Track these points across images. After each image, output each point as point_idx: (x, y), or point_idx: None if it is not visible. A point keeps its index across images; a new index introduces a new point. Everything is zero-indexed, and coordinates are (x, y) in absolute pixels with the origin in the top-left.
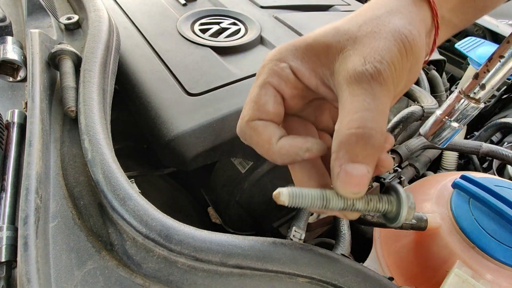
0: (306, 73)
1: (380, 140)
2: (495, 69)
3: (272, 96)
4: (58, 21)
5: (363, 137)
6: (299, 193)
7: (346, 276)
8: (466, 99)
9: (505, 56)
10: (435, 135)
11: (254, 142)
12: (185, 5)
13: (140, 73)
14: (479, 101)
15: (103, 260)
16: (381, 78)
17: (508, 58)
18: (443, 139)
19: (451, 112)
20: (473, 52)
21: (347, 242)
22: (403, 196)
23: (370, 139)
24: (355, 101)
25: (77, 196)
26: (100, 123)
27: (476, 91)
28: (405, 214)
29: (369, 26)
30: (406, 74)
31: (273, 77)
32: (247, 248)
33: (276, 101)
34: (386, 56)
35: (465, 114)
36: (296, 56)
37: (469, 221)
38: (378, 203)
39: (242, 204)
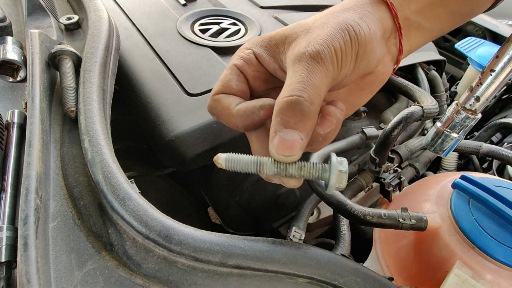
0: (266, 58)
1: (310, 108)
2: (487, 83)
3: (235, 75)
4: (58, 21)
5: (292, 103)
6: (236, 159)
7: (346, 276)
8: (463, 111)
9: (496, 70)
10: (437, 146)
11: (218, 112)
12: (185, 5)
13: (140, 73)
14: (476, 112)
15: (103, 260)
16: (318, 58)
17: (498, 72)
18: (444, 149)
19: (451, 124)
20: (473, 52)
21: (347, 242)
22: (334, 160)
23: (298, 105)
24: (293, 76)
25: (77, 196)
26: (100, 123)
27: (471, 103)
28: (334, 178)
29: (323, 19)
30: (351, 60)
31: (238, 60)
32: (247, 248)
33: (239, 80)
34: (327, 40)
35: (463, 125)
36: (261, 45)
37: (469, 222)
38: (312, 169)
39: (242, 204)
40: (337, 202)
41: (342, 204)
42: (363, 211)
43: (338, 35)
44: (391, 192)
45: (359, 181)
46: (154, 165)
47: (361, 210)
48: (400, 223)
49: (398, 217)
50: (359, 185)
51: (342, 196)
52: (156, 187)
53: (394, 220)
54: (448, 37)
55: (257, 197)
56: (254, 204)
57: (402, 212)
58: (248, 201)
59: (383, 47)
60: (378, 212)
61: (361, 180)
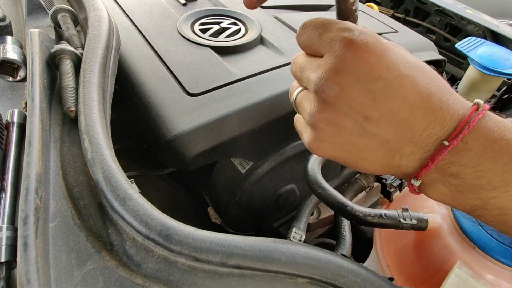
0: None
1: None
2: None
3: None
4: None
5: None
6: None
7: (346, 276)
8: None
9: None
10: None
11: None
12: (185, 5)
13: (140, 73)
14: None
15: (103, 260)
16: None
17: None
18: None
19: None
20: (473, 52)
21: (348, 243)
22: None
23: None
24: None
25: (77, 196)
26: (100, 123)
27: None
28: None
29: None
30: None
31: None
32: (247, 248)
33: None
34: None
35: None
36: None
37: (470, 221)
38: None
39: (242, 204)
40: (337, 203)
41: (343, 205)
42: (364, 211)
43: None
44: (392, 192)
45: (360, 181)
46: (154, 165)
47: (361, 210)
48: (401, 223)
49: (399, 217)
50: (360, 185)
51: (342, 197)
52: (156, 187)
53: (394, 220)
54: (448, 36)
55: (257, 197)
56: (254, 204)
57: (402, 212)
58: (248, 201)
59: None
60: (379, 212)
61: (362, 181)
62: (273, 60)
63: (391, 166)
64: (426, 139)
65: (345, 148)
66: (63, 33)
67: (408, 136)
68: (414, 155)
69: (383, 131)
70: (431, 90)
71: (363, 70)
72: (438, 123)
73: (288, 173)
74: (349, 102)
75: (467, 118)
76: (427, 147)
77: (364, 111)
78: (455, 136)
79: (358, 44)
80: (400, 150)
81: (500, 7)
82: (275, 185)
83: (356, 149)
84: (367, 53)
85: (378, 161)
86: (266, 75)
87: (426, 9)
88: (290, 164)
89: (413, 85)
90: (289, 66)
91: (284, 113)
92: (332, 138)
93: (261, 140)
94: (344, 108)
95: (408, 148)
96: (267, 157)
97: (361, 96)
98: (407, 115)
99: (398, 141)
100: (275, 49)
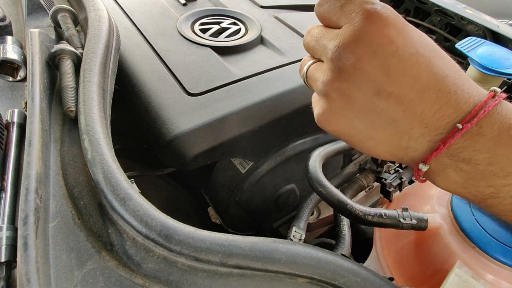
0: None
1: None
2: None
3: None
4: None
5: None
6: None
7: (346, 276)
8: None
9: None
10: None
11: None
12: (185, 5)
13: (140, 73)
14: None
15: (103, 260)
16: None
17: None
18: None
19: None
20: (474, 52)
21: (347, 242)
22: None
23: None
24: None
25: (77, 196)
26: (100, 123)
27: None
28: None
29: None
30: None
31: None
32: (247, 248)
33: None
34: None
35: None
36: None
37: (470, 221)
38: None
39: (242, 204)
40: (337, 201)
41: (343, 204)
42: (364, 210)
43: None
44: (392, 192)
45: (360, 180)
46: (154, 165)
47: (361, 209)
48: (401, 223)
49: (399, 217)
50: (360, 185)
51: (343, 196)
52: (156, 187)
53: (394, 220)
54: (448, 36)
55: (257, 197)
56: (254, 204)
57: (402, 212)
58: (248, 201)
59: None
60: (379, 211)
61: (362, 180)
62: (273, 60)
63: (398, 148)
64: (437, 121)
65: (353, 123)
66: (63, 33)
67: (418, 117)
68: (424, 137)
69: (392, 108)
70: (447, 74)
71: (381, 43)
72: (451, 106)
73: (288, 173)
74: (362, 74)
75: (483, 103)
76: (438, 130)
77: (375, 86)
78: (469, 120)
79: (379, 17)
80: (409, 132)
81: (500, 7)
82: (275, 185)
83: (364, 126)
84: (387, 26)
85: (385, 141)
86: (266, 75)
87: (426, 9)
88: (290, 164)
89: (428, 65)
90: (289, 66)
91: (284, 113)
92: (342, 110)
93: (261, 140)
94: (357, 79)
95: (417, 129)
96: (267, 157)
97: (374, 70)
98: (419, 94)
99: (408, 121)
100: (275, 49)
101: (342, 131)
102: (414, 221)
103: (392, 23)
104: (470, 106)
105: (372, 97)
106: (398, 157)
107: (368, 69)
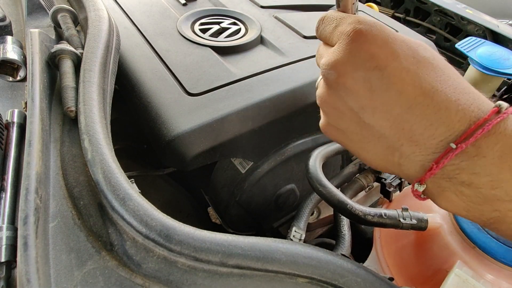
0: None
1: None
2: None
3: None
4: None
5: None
6: None
7: (346, 276)
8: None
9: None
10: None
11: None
12: (185, 5)
13: (140, 73)
14: None
15: (103, 260)
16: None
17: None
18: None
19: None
20: (473, 52)
21: (347, 242)
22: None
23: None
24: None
25: (77, 196)
26: (100, 123)
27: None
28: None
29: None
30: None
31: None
32: (247, 248)
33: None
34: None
35: None
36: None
37: (470, 222)
38: None
39: (242, 204)
40: (337, 201)
41: (343, 203)
42: (364, 210)
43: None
44: (391, 192)
45: (360, 180)
46: (154, 165)
47: (361, 209)
48: (401, 223)
49: (399, 216)
50: (360, 185)
51: (343, 196)
52: (156, 187)
53: (394, 220)
54: (448, 36)
55: (257, 197)
56: (254, 204)
57: (402, 212)
58: (248, 201)
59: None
60: (379, 211)
61: (362, 180)
62: (273, 60)
63: (391, 163)
64: (428, 139)
65: (348, 135)
66: (63, 33)
67: (407, 134)
68: (415, 156)
69: (378, 123)
70: (438, 88)
71: (362, 58)
72: (442, 123)
73: (288, 173)
74: (345, 89)
75: (482, 121)
76: (430, 149)
77: (359, 100)
78: (464, 140)
79: (362, 35)
80: (399, 148)
81: (500, 7)
82: (275, 185)
83: (357, 138)
84: (368, 42)
85: (377, 155)
86: (266, 75)
87: (426, 9)
88: (290, 164)
89: (414, 80)
90: (289, 66)
91: (284, 113)
92: (336, 123)
93: (261, 140)
94: (342, 94)
95: (407, 147)
96: (267, 157)
97: (357, 84)
98: (404, 110)
99: (396, 137)
100: (275, 49)
101: (340, 141)
102: (414, 221)
103: (374, 38)
104: (465, 124)
105: (358, 111)
106: (394, 172)
107: (350, 84)
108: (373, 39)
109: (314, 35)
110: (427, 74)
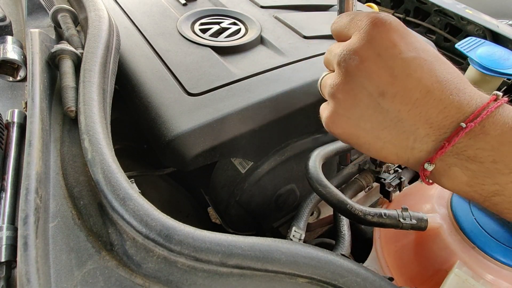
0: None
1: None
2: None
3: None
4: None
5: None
6: None
7: (346, 276)
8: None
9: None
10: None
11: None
12: (185, 5)
13: (140, 73)
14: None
15: (103, 260)
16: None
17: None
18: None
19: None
20: (473, 52)
21: (347, 242)
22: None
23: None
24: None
25: (77, 196)
26: (100, 123)
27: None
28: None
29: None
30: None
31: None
32: (247, 248)
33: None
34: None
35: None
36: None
37: (470, 222)
38: None
39: (242, 204)
40: (337, 201)
41: (343, 203)
42: (364, 210)
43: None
44: (391, 192)
45: (360, 181)
46: (154, 165)
47: (361, 209)
48: (401, 223)
49: (399, 217)
50: (360, 185)
51: (343, 196)
52: (156, 187)
53: (394, 220)
54: (448, 37)
55: (257, 197)
56: (254, 204)
57: (402, 212)
58: (248, 201)
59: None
60: (379, 211)
61: (361, 180)
62: (273, 60)
63: (405, 149)
64: (442, 121)
65: (360, 124)
66: (63, 33)
67: (423, 117)
68: (429, 137)
69: (397, 108)
70: (448, 78)
71: (385, 46)
72: (454, 107)
73: (288, 173)
74: (367, 75)
75: (485, 105)
76: (442, 129)
77: (380, 86)
78: (473, 119)
79: (383, 23)
80: (415, 132)
81: (500, 7)
82: (275, 185)
83: (370, 126)
84: (390, 31)
85: (391, 142)
86: (266, 75)
87: (426, 9)
88: (290, 164)
89: (431, 69)
90: (289, 66)
91: (284, 113)
92: (348, 111)
93: (261, 140)
94: (362, 80)
95: (423, 129)
96: (267, 157)
97: (380, 71)
98: (423, 95)
99: (413, 121)
100: (275, 49)
101: (349, 132)
102: (414, 221)
103: (395, 29)
104: (472, 107)
105: (377, 98)
106: (404, 159)
107: (373, 69)
108: (393, 29)
109: (314, 35)
110: (439, 65)
